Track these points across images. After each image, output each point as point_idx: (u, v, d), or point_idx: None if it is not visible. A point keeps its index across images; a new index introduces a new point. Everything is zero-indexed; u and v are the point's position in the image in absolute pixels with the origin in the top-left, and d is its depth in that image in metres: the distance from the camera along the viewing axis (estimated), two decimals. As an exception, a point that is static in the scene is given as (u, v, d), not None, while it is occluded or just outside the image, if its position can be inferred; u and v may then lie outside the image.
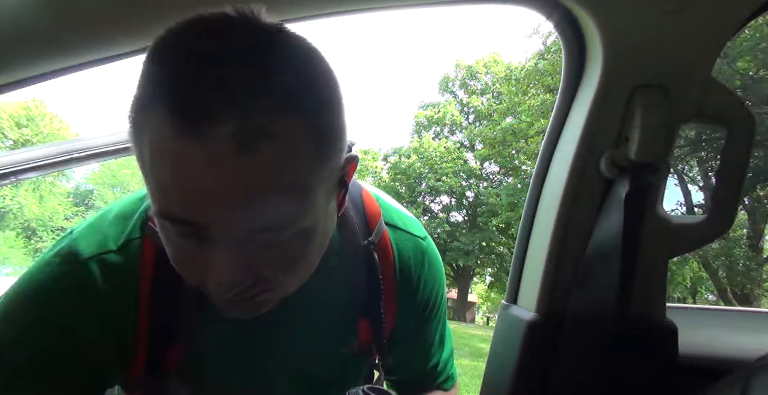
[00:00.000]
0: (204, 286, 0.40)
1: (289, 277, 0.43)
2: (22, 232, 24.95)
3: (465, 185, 23.25)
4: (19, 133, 23.27)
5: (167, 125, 0.32)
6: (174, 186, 0.34)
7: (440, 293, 0.66)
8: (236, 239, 0.37)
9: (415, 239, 0.62)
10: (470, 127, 24.85)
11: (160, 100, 0.33)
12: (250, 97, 0.32)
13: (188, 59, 0.33)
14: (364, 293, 0.57)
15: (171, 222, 0.37)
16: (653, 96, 0.60)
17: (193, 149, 0.32)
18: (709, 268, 12.22)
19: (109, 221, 0.49)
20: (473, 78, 25.80)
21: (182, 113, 0.32)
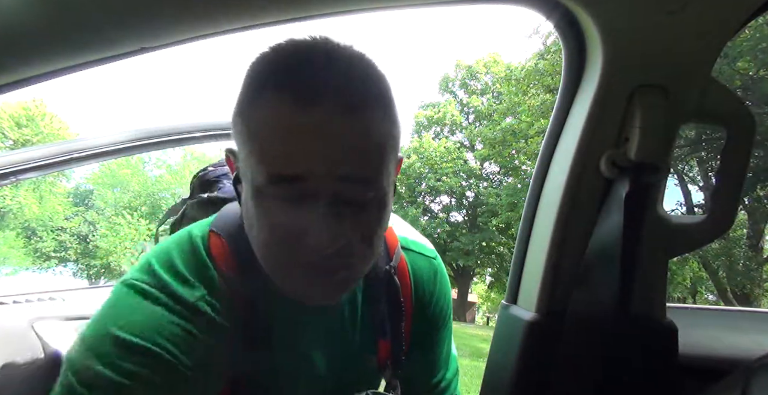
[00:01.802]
0: (302, 255, 0.46)
1: (365, 249, 0.49)
2: (22, 232, 24.94)
3: (465, 185, 23.24)
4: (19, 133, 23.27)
5: (284, 102, 0.42)
6: (286, 148, 0.43)
7: (449, 309, 0.72)
8: (332, 194, 0.45)
9: (427, 260, 0.69)
10: (470, 127, 24.85)
11: (276, 85, 0.43)
12: (346, 80, 0.44)
13: (295, 55, 0.45)
14: (385, 314, 0.63)
15: (280, 183, 0.44)
16: (653, 96, 0.60)
17: (305, 117, 0.42)
18: (709, 268, 12.22)
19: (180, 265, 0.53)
20: (473, 78, 25.80)
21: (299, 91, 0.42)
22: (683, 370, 0.67)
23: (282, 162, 0.43)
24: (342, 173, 0.44)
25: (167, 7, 0.43)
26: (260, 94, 0.44)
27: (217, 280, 0.53)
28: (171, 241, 0.57)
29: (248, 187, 0.48)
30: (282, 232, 0.47)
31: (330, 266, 0.47)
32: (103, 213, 25.85)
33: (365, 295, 0.63)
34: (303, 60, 0.44)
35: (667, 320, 0.68)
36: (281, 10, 0.48)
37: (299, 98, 0.42)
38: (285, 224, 0.46)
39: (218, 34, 0.49)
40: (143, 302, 0.49)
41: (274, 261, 0.49)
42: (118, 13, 0.43)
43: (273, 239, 0.47)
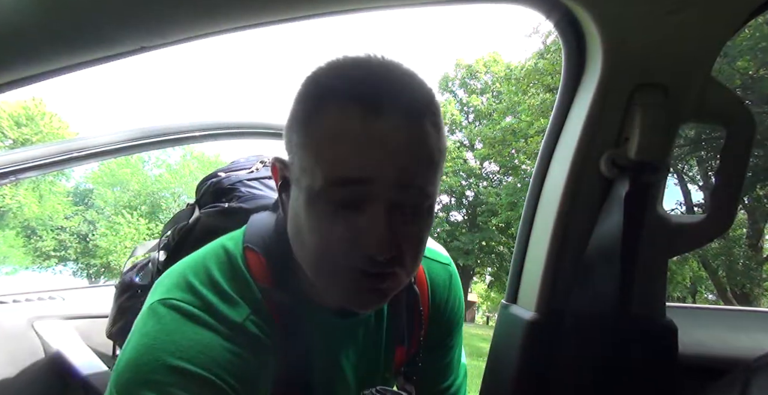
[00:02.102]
0: (350, 261, 0.47)
1: (412, 260, 0.51)
2: (21, 231, 24.93)
3: (465, 184, 23.24)
4: (18, 132, 23.25)
5: (351, 111, 0.45)
6: (351, 153, 0.45)
7: (462, 313, 0.74)
8: (391, 201, 0.46)
9: (443, 267, 0.71)
10: (470, 126, 24.84)
11: (342, 95, 0.46)
12: (407, 93, 0.47)
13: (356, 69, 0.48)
14: (404, 322, 0.66)
15: (342, 186, 0.46)
16: (653, 96, 0.60)
17: (372, 125, 0.45)
18: (709, 268, 12.22)
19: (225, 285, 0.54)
20: (473, 77, 25.79)
21: (366, 101, 0.45)
22: (683, 370, 0.67)
23: (346, 166, 0.45)
24: (402, 180, 0.46)
25: (167, 6, 0.43)
26: (325, 104, 0.46)
27: (260, 298, 0.54)
28: (206, 256, 0.57)
29: (303, 193, 0.49)
30: (336, 237, 0.47)
31: (379, 273, 0.48)
32: (102, 212, 25.85)
33: (389, 304, 0.64)
34: (366, 73, 0.47)
35: (667, 319, 0.68)
36: (281, 9, 0.48)
37: (366, 107, 0.45)
38: (340, 228, 0.47)
39: (218, 33, 0.49)
40: (192, 325, 0.49)
41: (324, 267, 0.50)
42: (118, 13, 0.43)
43: (326, 244, 0.48)
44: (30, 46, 0.45)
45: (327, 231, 0.48)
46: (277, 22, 0.50)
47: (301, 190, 0.49)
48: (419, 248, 0.51)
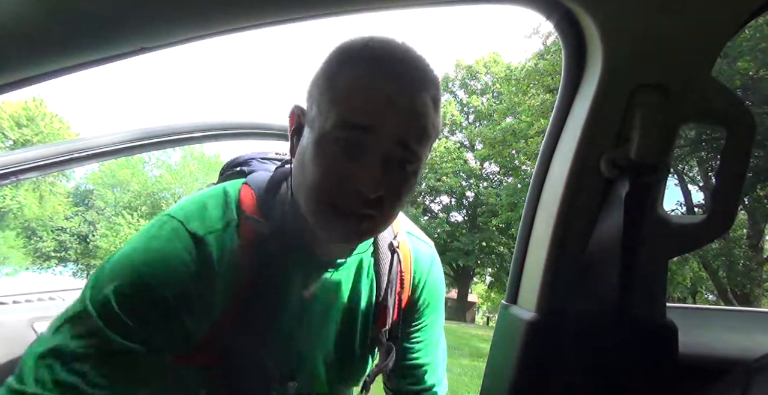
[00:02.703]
0: (341, 198, 0.55)
1: (388, 212, 0.58)
2: (22, 232, 24.94)
3: (465, 185, 23.23)
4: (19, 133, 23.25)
5: (372, 70, 0.54)
6: (359, 103, 0.53)
7: (442, 292, 0.81)
8: (387, 153, 0.54)
9: (426, 245, 0.80)
10: (470, 127, 24.84)
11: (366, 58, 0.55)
12: (419, 67, 0.57)
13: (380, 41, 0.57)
14: (387, 282, 0.72)
15: (349, 129, 0.53)
16: (653, 96, 0.60)
17: (387, 85, 0.53)
18: (709, 268, 12.22)
19: (211, 207, 0.62)
20: (473, 78, 25.80)
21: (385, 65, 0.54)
22: (683, 370, 0.67)
23: (356, 113, 0.53)
24: (400, 136, 0.54)
25: (167, 7, 0.43)
26: (351, 65, 0.55)
27: (236, 220, 0.62)
28: (207, 192, 0.66)
29: (315, 133, 0.56)
30: (335, 172, 0.55)
31: (363, 212, 0.56)
32: (103, 213, 25.86)
33: (373, 261, 0.73)
34: (388, 48, 0.57)
35: (667, 320, 0.68)
36: (281, 10, 0.48)
37: (383, 72, 0.54)
38: (340, 166, 0.55)
39: (218, 34, 0.49)
40: (168, 238, 0.58)
41: (319, 198, 0.56)
42: (118, 13, 0.43)
43: (325, 177, 0.55)
44: (30, 47, 0.46)
45: (328, 167, 0.55)
46: (277, 23, 0.50)
47: (313, 130, 0.57)
48: (398, 201, 0.58)
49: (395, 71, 0.54)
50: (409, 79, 0.55)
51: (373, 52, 0.56)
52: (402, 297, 0.74)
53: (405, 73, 0.55)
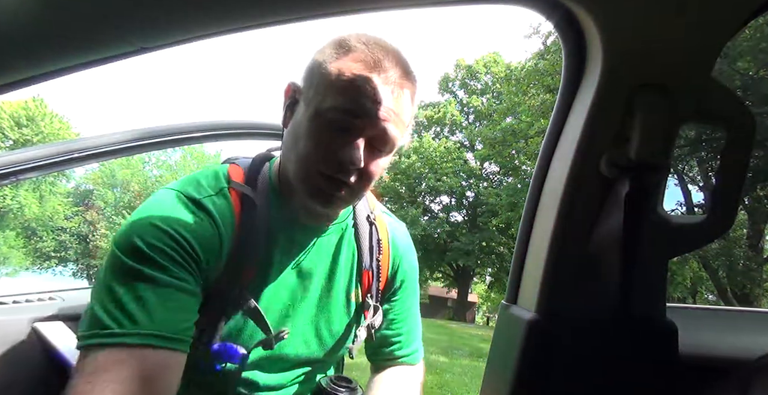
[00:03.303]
0: (327, 168, 0.65)
1: (362, 185, 0.69)
2: (22, 232, 24.94)
3: (465, 185, 23.23)
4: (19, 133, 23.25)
5: (365, 59, 0.65)
6: (351, 91, 0.63)
7: (416, 269, 0.92)
8: (370, 133, 0.65)
9: (399, 223, 0.93)
10: (470, 127, 24.83)
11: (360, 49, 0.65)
12: (403, 63, 0.68)
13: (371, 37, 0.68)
14: (368, 249, 0.82)
15: (337, 113, 0.64)
16: (653, 96, 0.60)
17: (375, 76, 0.64)
18: (709, 268, 12.22)
19: (202, 179, 0.71)
20: (473, 78, 25.79)
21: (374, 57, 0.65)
22: (683, 370, 0.67)
23: (348, 100, 0.63)
24: (383, 124, 0.65)
25: (167, 7, 0.43)
26: (349, 56, 0.65)
27: (226, 187, 0.71)
28: (200, 171, 0.75)
29: (311, 109, 0.65)
30: (324, 145, 0.65)
31: (344, 180, 0.66)
32: (103, 213, 25.85)
33: (353, 231, 0.82)
34: (382, 46, 0.67)
35: (667, 320, 0.68)
36: (281, 10, 0.48)
37: (375, 67, 0.65)
38: (329, 141, 0.64)
39: (218, 34, 0.49)
40: (174, 203, 0.67)
41: (308, 166, 0.66)
42: (118, 13, 0.43)
43: (315, 149, 0.65)
44: (30, 48, 0.46)
45: (321, 140, 0.65)
46: (277, 23, 0.50)
47: (309, 107, 0.66)
48: (373, 176, 0.69)
49: (384, 68, 0.65)
50: (395, 77, 0.66)
51: (366, 49, 0.65)
52: (382, 264, 0.83)
53: (392, 70, 0.66)
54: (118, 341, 0.54)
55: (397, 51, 0.68)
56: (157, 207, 0.65)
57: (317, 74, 0.66)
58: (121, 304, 0.56)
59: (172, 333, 0.57)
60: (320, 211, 0.72)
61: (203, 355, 0.68)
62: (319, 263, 0.78)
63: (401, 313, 0.90)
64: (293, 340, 0.76)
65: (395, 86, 0.66)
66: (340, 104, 0.63)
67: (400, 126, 0.68)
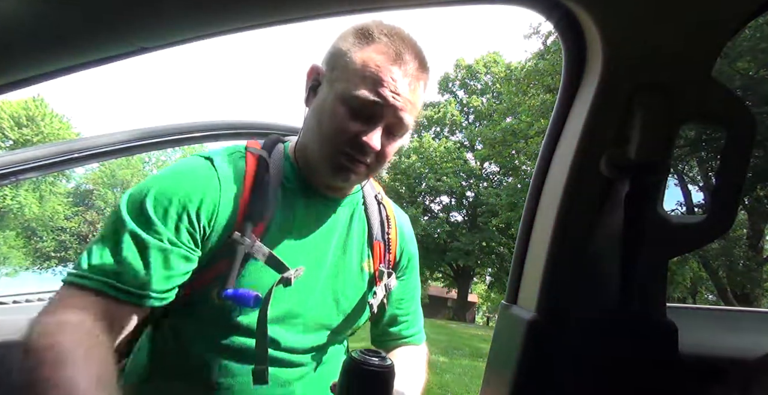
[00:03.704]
0: (350, 149, 0.73)
1: (378, 164, 0.78)
2: (22, 232, 24.94)
3: (465, 185, 23.23)
4: (19, 133, 23.25)
5: (384, 55, 0.71)
6: (375, 82, 0.70)
7: (417, 257, 0.98)
8: (388, 119, 0.73)
9: (405, 214, 0.99)
10: (470, 127, 24.82)
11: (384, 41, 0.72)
12: (420, 62, 0.75)
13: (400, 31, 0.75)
14: (377, 223, 0.88)
15: (361, 102, 0.70)
16: (653, 96, 0.60)
17: (396, 68, 0.71)
18: (709, 268, 12.22)
19: (220, 148, 0.80)
20: (473, 78, 25.78)
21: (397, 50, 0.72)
22: (683, 370, 0.67)
23: (371, 90, 0.70)
24: (400, 112, 0.73)
25: (167, 7, 0.43)
26: (369, 43, 0.72)
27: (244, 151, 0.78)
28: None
29: (337, 92, 0.72)
30: (347, 126, 0.72)
31: (362, 160, 0.74)
32: (103, 213, 25.85)
33: (363, 208, 0.89)
34: (397, 32, 0.74)
35: (667, 320, 0.68)
36: (281, 10, 0.48)
37: (396, 53, 0.72)
38: (352, 123, 0.72)
39: (218, 34, 0.49)
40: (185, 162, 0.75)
41: (332, 143, 0.73)
42: (118, 13, 0.43)
43: (339, 127, 0.72)
44: (31, 47, 0.46)
45: (344, 124, 0.72)
46: (277, 23, 0.50)
47: (334, 89, 0.73)
48: (387, 156, 0.77)
49: (405, 61, 0.72)
50: (413, 69, 0.73)
51: (389, 41, 0.72)
52: (391, 238, 0.89)
53: (411, 63, 0.73)
54: (76, 281, 0.63)
55: (415, 42, 0.75)
56: (171, 168, 0.74)
57: (342, 62, 0.73)
58: (99, 251, 0.65)
59: (132, 286, 0.64)
60: (340, 185, 0.81)
61: (221, 306, 0.71)
62: (333, 232, 0.83)
63: (408, 293, 0.95)
64: (310, 301, 0.78)
65: (413, 79, 0.73)
66: (364, 94, 0.70)
67: (413, 113, 0.76)
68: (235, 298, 0.70)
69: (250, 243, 0.71)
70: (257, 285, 0.72)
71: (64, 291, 0.64)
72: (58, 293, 0.64)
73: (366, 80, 0.70)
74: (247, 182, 0.75)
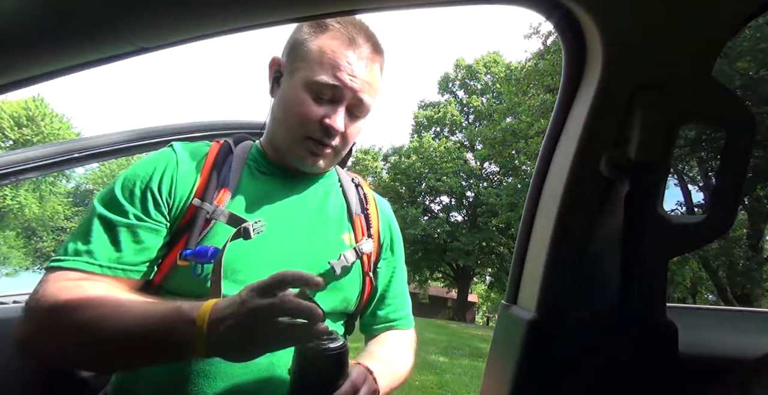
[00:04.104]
0: (315, 133, 0.77)
1: (343, 145, 0.82)
2: (22, 232, 24.94)
3: (465, 185, 23.23)
4: (19, 133, 23.25)
5: (338, 41, 0.76)
6: (332, 67, 0.75)
7: (401, 238, 1.00)
8: (349, 102, 0.77)
9: (388, 204, 1.02)
10: (470, 127, 24.82)
11: (338, 29, 0.77)
12: (373, 46, 0.80)
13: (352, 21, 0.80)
14: (356, 200, 0.91)
15: (321, 86, 0.75)
16: (653, 96, 0.60)
17: (351, 52, 0.76)
18: (709, 268, 12.22)
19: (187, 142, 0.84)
20: (473, 78, 25.78)
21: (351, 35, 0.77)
22: (683, 370, 0.67)
23: (330, 74, 0.75)
24: (359, 93, 0.77)
25: (167, 7, 0.43)
26: (329, 34, 0.76)
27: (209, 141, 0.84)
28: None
29: (299, 79, 0.76)
30: (311, 111, 0.76)
31: (327, 143, 0.78)
32: (103, 213, 25.72)
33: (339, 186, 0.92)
34: (351, 22, 0.78)
35: (667, 320, 0.68)
36: (282, 10, 0.48)
37: (349, 38, 0.77)
38: (314, 111, 0.76)
39: (218, 34, 0.49)
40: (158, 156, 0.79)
41: (296, 129, 0.78)
42: (118, 13, 0.43)
43: (304, 114, 0.76)
44: (31, 47, 0.46)
45: (307, 110, 0.76)
46: (277, 23, 0.50)
47: (297, 78, 0.77)
48: (351, 137, 0.82)
49: (358, 44, 0.77)
50: (367, 52, 0.78)
51: (341, 27, 0.76)
52: (371, 213, 0.91)
53: (365, 46, 0.77)
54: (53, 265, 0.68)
55: (367, 27, 0.80)
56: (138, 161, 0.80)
57: (300, 51, 0.77)
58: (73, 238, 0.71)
59: (106, 261, 0.69)
60: (308, 170, 0.84)
61: (185, 269, 0.72)
62: (305, 204, 0.85)
63: (394, 274, 0.96)
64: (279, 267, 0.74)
65: (368, 61, 0.78)
66: (323, 79, 0.75)
67: (373, 94, 0.80)
68: (195, 255, 0.71)
69: (210, 207, 0.74)
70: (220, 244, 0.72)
71: (44, 277, 0.68)
72: (39, 281, 0.68)
73: (324, 66, 0.75)
74: (208, 159, 0.79)
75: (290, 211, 0.82)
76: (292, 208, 0.82)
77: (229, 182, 0.77)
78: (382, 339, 0.92)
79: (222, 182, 0.77)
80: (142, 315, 0.60)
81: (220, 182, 0.77)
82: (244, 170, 0.81)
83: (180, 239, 0.74)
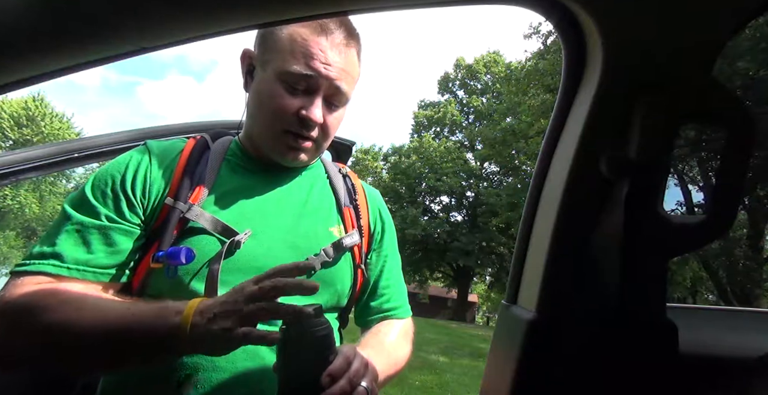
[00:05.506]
0: (292, 126, 0.75)
1: (324, 137, 0.79)
2: (22, 232, 24.93)
3: (465, 185, 23.23)
4: (19, 133, 23.24)
5: (309, 28, 0.72)
6: (304, 55, 0.72)
7: (394, 227, 0.99)
8: (325, 91, 0.75)
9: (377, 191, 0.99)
10: (470, 127, 24.82)
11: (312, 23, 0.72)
12: (348, 32, 0.76)
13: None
14: (344, 192, 0.89)
15: (294, 77, 0.72)
16: (653, 96, 0.60)
17: (323, 39, 0.73)
18: (709, 268, 12.22)
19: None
20: (473, 78, 25.78)
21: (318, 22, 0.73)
22: (683, 370, 0.67)
23: (303, 64, 0.72)
24: (335, 82, 0.74)
25: (167, 7, 0.43)
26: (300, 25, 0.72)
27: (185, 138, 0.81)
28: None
29: (272, 72, 0.73)
30: (287, 103, 0.73)
31: (306, 135, 0.76)
32: (103, 213, 25.73)
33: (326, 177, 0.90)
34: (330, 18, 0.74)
35: (667, 320, 0.68)
36: (281, 10, 0.48)
37: (320, 25, 0.73)
38: (290, 103, 0.73)
39: (219, 33, 0.49)
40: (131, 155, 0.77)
41: (272, 124, 0.75)
42: (118, 13, 0.43)
43: (279, 107, 0.74)
44: (30, 48, 0.46)
45: (281, 102, 0.73)
46: (277, 23, 0.50)
47: (269, 69, 0.74)
48: (331, 128, 0.79)
49: (330, 30, 0.73)
50: (341, 38, 0.75)
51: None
52: (360, 204, 0.89)
53: (337, 31, 0.74)
54: (17, 269, 0.65)
55: (348, 21, 0.78)
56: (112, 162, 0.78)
57: (270, 41, 0.75)
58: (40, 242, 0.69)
59: (73, 264, 0.66)
60: (290, 165, 0.81)
61: (159, 271, 0.70)
62: (289, 197, 0.82)
63: (388, 263, 0.93)
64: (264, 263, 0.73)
65: (342, 47, 0.75)
66: (296, 68, 0.72)
67: (350, 82, 0.77)
68: (168, 257, 0.68)
69: (185, 206, 0.71)
70: (198, 248, 0.70)
71: (6, 283, 0.65)
72: (2, 287, 0.65)
73: (296, 55, 0.72)
74: (183, 156, 0.76)
75: (274, 205, 0.79)
76: (276, 202, 0.80)
77: (206, 179, 0.74)
78: (375, 329, 0.90)
79: (198, 179, 0.74)
80: (122, 311, 0.59)
81: (196, 179, 0.74)
82: (223, 166, 0.79)
83: (155, 240, 0.71)
